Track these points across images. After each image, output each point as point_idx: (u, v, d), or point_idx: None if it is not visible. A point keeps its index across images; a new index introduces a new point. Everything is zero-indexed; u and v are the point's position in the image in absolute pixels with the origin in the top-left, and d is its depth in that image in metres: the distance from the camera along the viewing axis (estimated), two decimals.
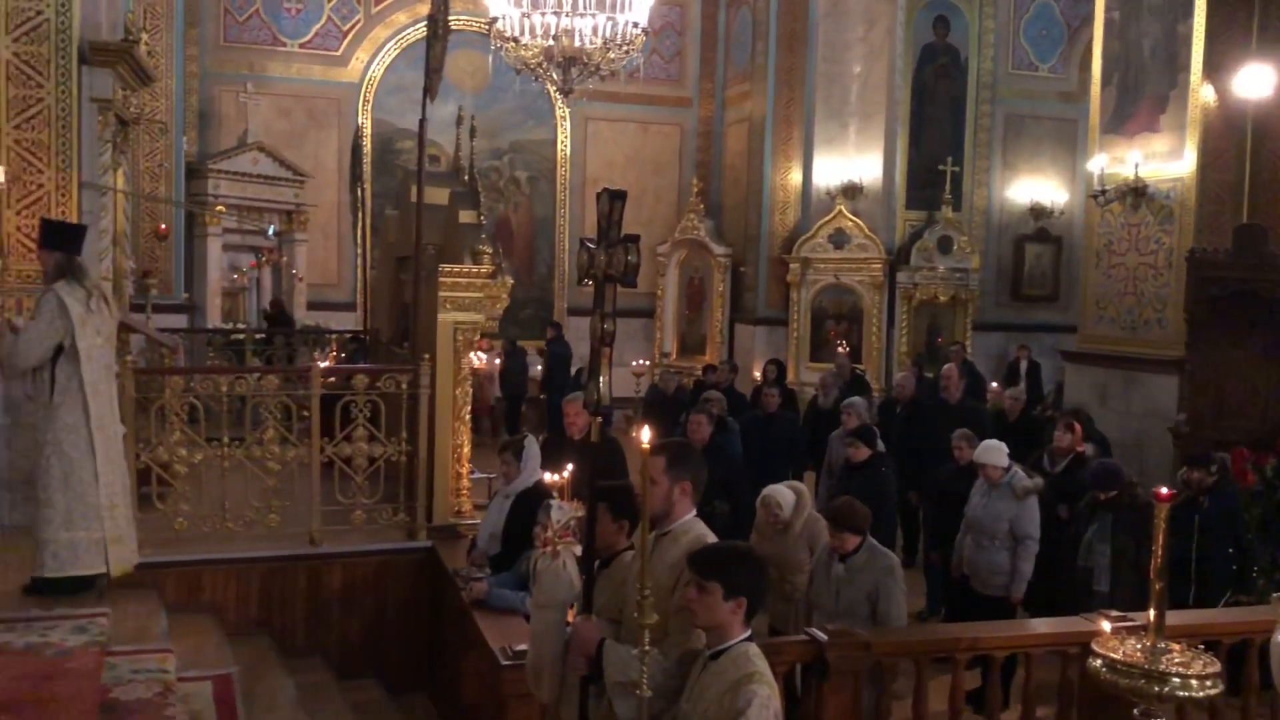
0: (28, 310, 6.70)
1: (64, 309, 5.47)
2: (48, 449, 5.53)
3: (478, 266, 7.28)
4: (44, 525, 5.51)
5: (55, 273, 5.60)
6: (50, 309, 5.48)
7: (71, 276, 5.61)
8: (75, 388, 5.52)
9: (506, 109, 16.76)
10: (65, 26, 6.87)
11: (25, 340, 5.47)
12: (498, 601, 5.71)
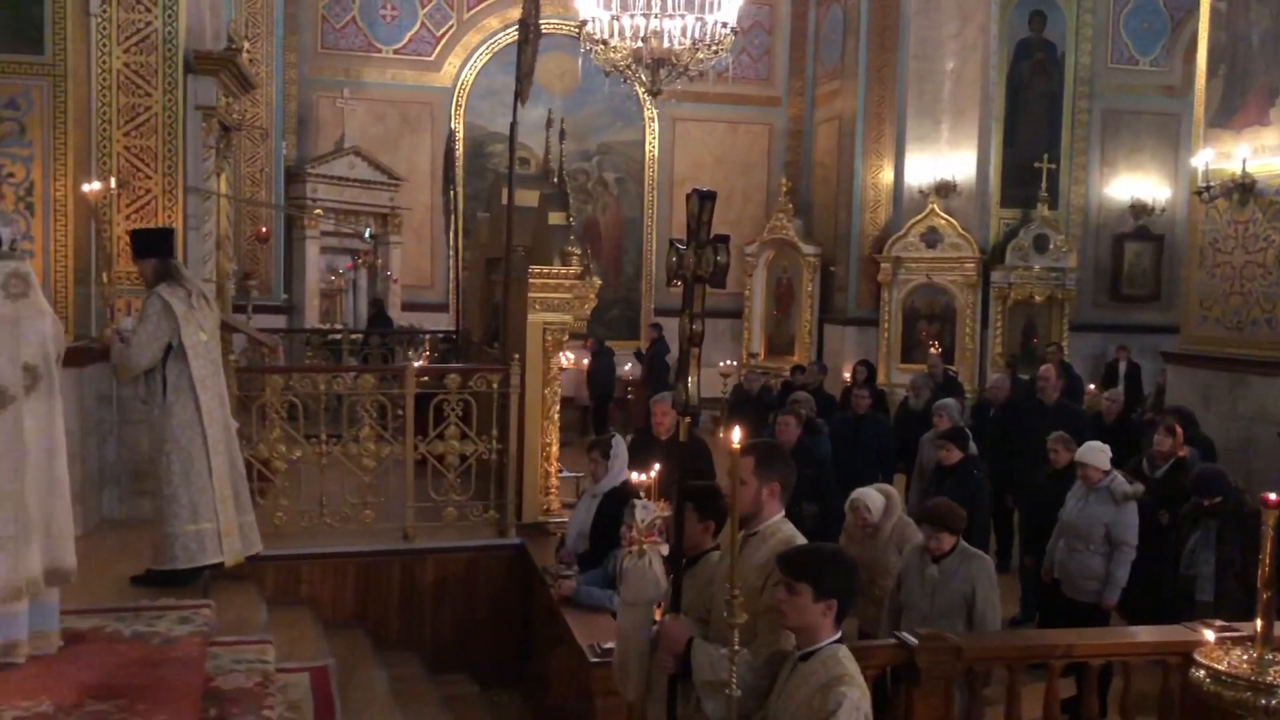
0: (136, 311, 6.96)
1: (168, 309, 5.65)
2: (166, 445, 5.70)
3: (566, 267, 7.36)
4: (170, 519, 5.67)
5: (155, 278, 5.79)
6: (155, 311, 5.65)
7: (170, 278, 5.78)
8: (186, 385, 5.69)
9: (595, 111, 16.86)
10: (172, 37, 7.11)
11: (136, 345, 5.64)
12: (586, 599, 5.77)
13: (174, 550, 5.66)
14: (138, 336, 5.67)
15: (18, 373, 4.55)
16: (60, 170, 6.87)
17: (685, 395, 3.61)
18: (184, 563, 5.68)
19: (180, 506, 5.67)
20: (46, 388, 4.67)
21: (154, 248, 5.90)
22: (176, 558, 5.67)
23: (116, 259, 6.95)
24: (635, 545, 3.79)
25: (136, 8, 7.02)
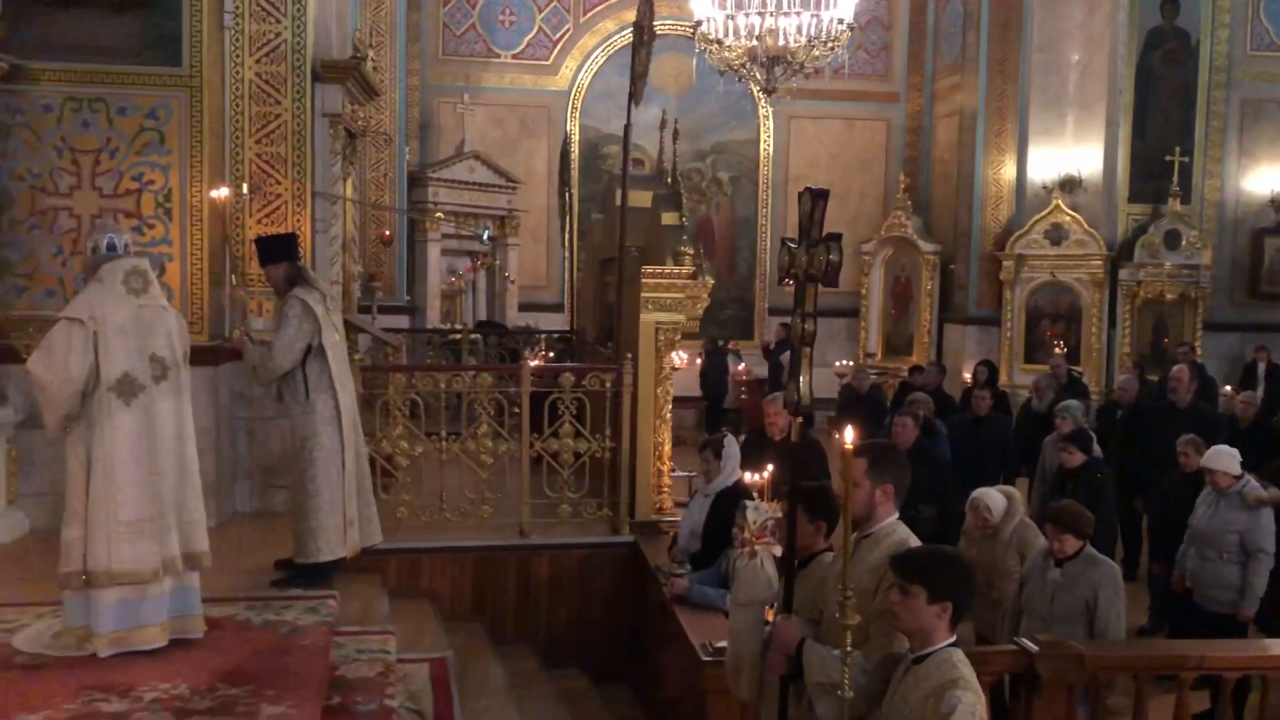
0: (267, 312, 7.24)
1: (309, 311, 5.83)
2: (309, 442, 5.87)
3: (679, 267, 7.40)
4: (314, 513, 5.85)
5: (286, 283, 5.93)
6: (296, 314, 5.80)
7: (303, 281, 5.96)
8: (326, 384, 5.89)
9: (709, 110, 16.85)
10: (300, 47, 7.37)
11: (280, 348, 5.79)
12: (698, 598, 5.78)
13: (318, 543, 5.84)
14: (281, 340, 5.81)
15: (145, 364, 4.81)
16: (196, 177, 7.19)
17: (797, 395, 3.60)
18: (326, 555, 5.87)
19: (323, 501, 5.87)
20: (174, 378, 4.92)
21: (281, 253, 6.04)
22: (320, 550, 5.86)
23: (248, 262, 7.22)
24: (747, 546, 3.79)
25: (267, 19, 7.30)
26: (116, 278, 4.84)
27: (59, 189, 7.10)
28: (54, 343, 4.69)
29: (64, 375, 4.64)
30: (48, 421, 4.78)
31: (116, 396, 4.72)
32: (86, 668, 4.65)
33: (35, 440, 6.83)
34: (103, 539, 4.67)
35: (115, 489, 4.70)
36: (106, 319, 4.73)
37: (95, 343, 4.69)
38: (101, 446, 4.70)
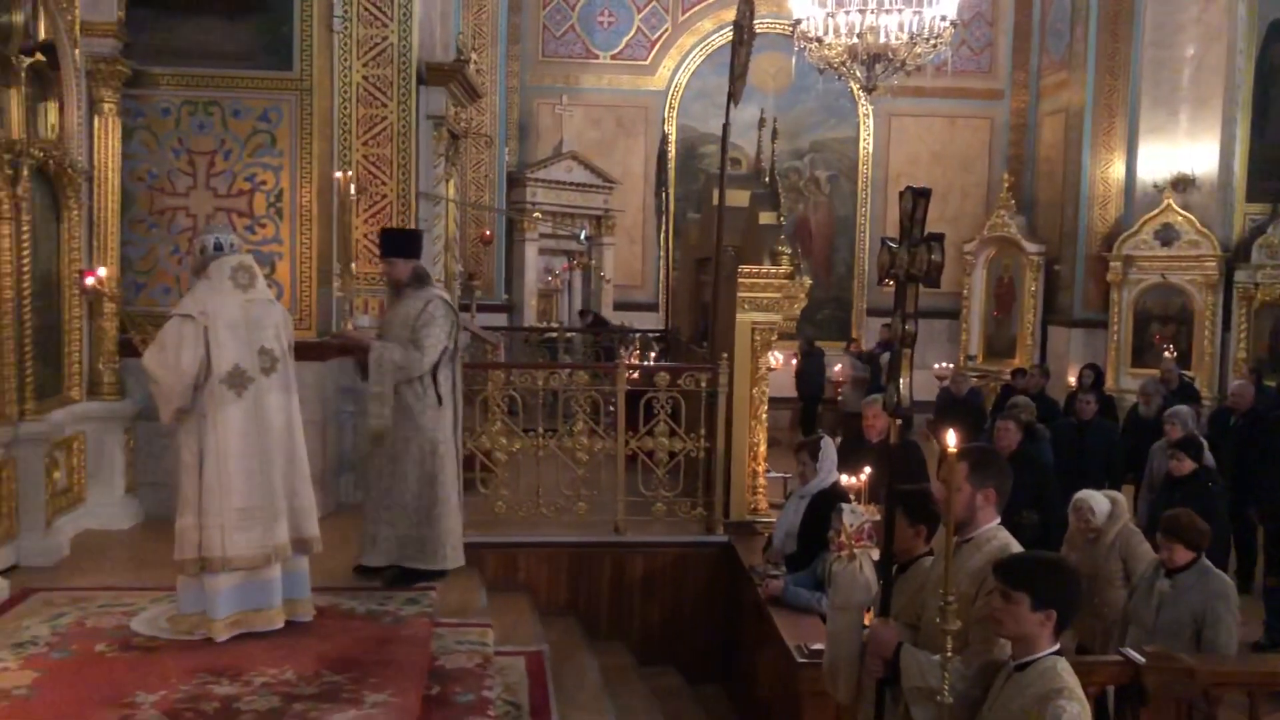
0: (373, 310, 7.43)
1: (450, 311, 5.88)
2: (440, 447, 5.84)
3: (776, 267, 7.37)
4: (444, 518, 5.86)
5: (414, 280, 5.77)
6: (442, 313, 5.73)
7: (428, 280, 5.96)
8: (451, 388, 5.92)
9: (808, 109, 16.74)
10: (406, 50, 7.53)
11: (430, 346, 5.69)
12: (793, 600, 5.76)
13: (446, 550, 5.85)
14: (431, 338, 5.69)
15: (254, 356, 4.98)
16: (306, 178, 7.40)
17: (897, 397, 3.56)
18: (454, 562, 5.89)
19: (453, 506, 5.91)
20: (282, 370, 5.10)
21: (412, 248, 5.95)
22: (448, 557, 5.87)
23: (355, 261, 7.41)
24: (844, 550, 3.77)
25: (374, 24, 7.48)
26: (224, 274, 5.02)
27: (176, 189, 7.39)
28: (166, 338, 4.88)
29: (176, 369, 4.83)
30: (162, 413, 4.99)
31: (228, 389, 4.90)
32: (199, 651, 4.83)
33: (152, 431, 7.12)
34: (216, 527, 4.85)
35: (228, 478, 4.87)
36: (217, 314, 4.91)
37: (206, 337, 4.87)
38: (214, 437, 4.87)
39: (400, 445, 5.78)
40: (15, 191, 6.07)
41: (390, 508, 5.84)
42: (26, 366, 6.21)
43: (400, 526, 5.85)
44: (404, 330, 5.68)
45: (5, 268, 6.04)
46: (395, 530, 5.85)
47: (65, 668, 4.67)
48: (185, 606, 5.04)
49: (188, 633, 4.99)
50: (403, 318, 5.71)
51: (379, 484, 5.87)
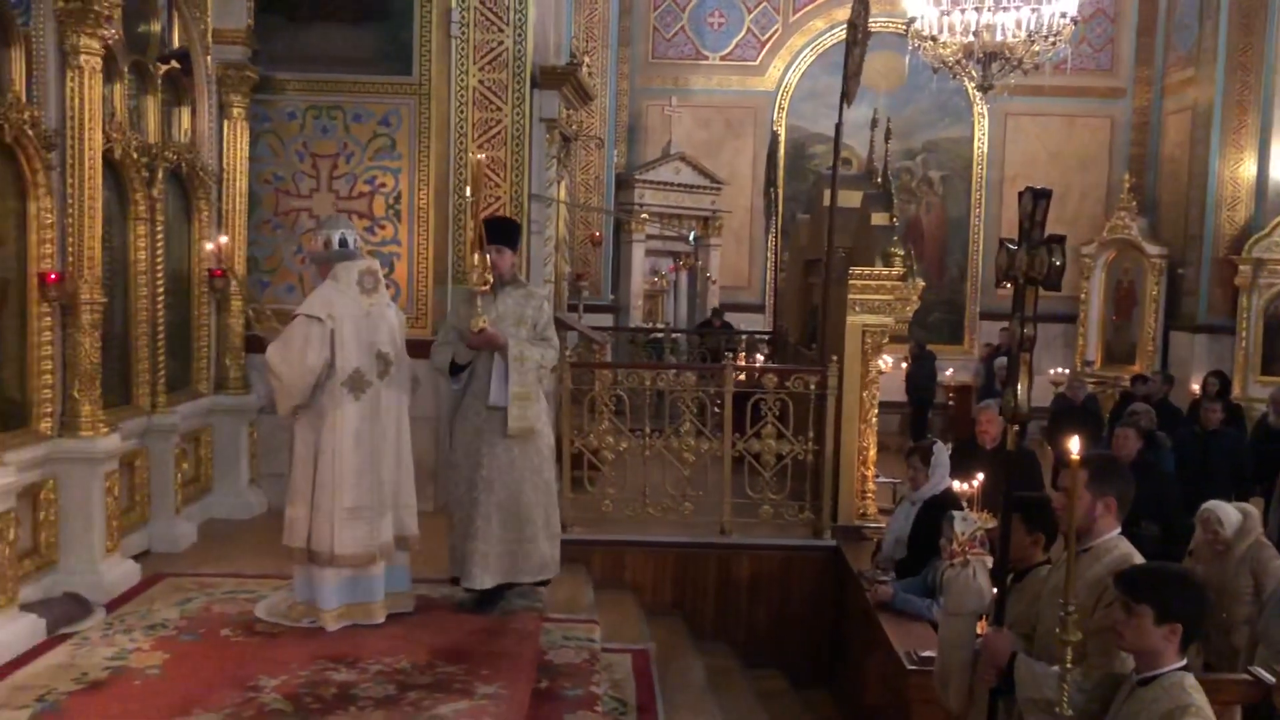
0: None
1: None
2: (548, 463, 5.61)
3: (888, 269, 7.28)
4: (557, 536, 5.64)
5: (513, 274, 5.53)
6: (550, 312, 5.64)
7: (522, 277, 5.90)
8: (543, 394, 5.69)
9: (921, 108, 16.46)
10: (521, 54, 7.65)
11: (557, 342, 5.59)
12: (903, 606, 5.69)
13: (555, 562, 5.62)
14: (554, 338, 5.56)
15: (373, 360, 5.14)
16: (423, 181, 7.58)
17: (1014, 402, 3.50)
18: (551, 572, 5.64)
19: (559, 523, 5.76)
20: (395, 372, 5.26)
21: (518, 238, 5.80)
22: (553, 567, 5.63)
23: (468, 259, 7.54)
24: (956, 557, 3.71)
25: (491, 28, 7.61)
26: (352, 278, 5.17)
27: (300, 191, 7.64)
28: (292, 336, 5.05)
29: (300, 368, 4.99)
30: (280, 407, 5.16)
31: (348, 391, 5.07)
32: (317, 638, 5.00)
33: (274, 425, 7.37)
34: (327, 522, 5.02)
35: (340, 477, 5.03)
36: (343, 318, 5.07)
37: (332, 339, 5.03)
38: (330, 435, 5.04)
39: (519, 450, 5.40)
40: (151, 193, 6.36)
41: (507, 523, 5.38)
42: (159, 361, 6.50)
43: (523, 538, 5.46)
44: (520, 327, 5.39)
45: (141, 266, 6.33)
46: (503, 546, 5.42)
47: (193, 650, 4.88)
48: (298, 594, 5.22)
49: (300, 620, 5.16)
50: (515, 314, 5.41)
51: (489, 497, 5.35)
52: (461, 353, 5.35)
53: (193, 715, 4.15)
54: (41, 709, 4.20)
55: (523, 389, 5.29)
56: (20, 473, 4.89)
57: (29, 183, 5.22)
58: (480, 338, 5.20)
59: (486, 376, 5.34)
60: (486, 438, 5.33)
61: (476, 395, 5.38)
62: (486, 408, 5.33)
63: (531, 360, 5.32)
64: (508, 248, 5.44)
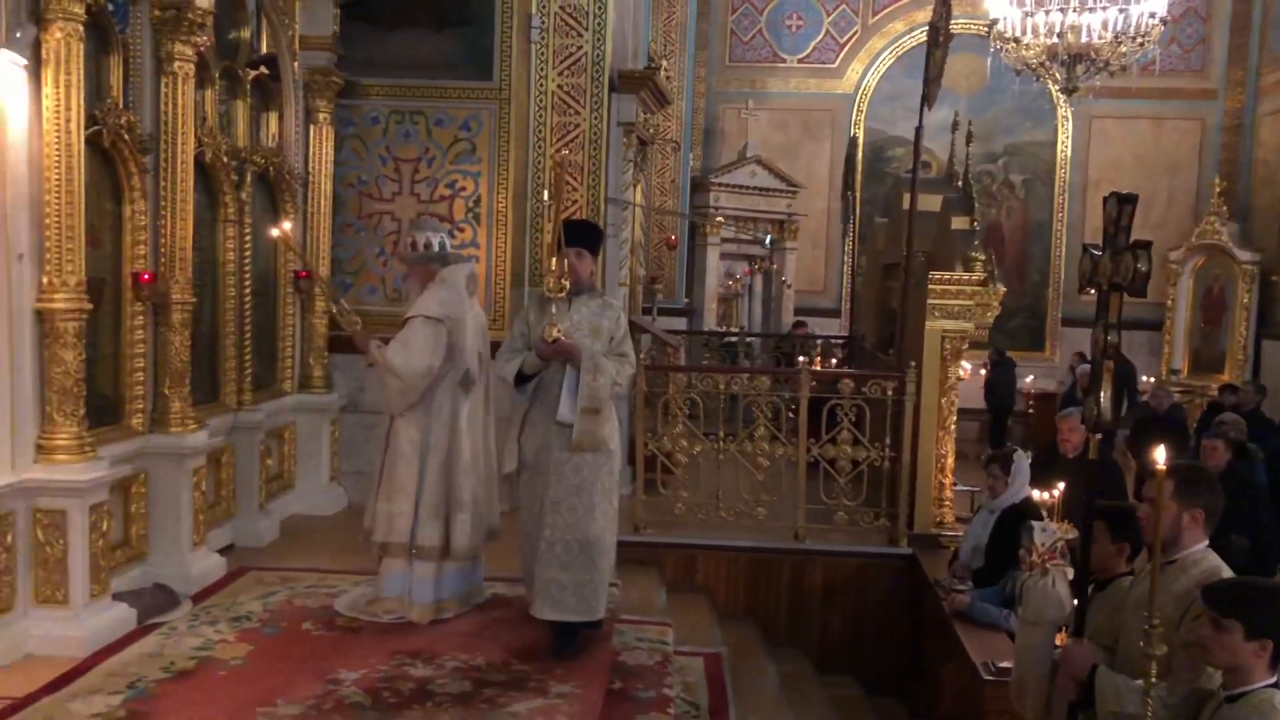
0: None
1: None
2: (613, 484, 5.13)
3: (969, 274, 7.18)
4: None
5: (591, 282, 5.12)
6: (626, 325, 5.18)
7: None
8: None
9: (1002, 111, 16.20)
10: (599, 59, 7.70)
11: (634, 358, 5.24)
12: (980, 615, 5.61)
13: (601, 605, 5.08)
14: (632, 352, 5.20)
15: (477, 361, 5.24)
16: (502, 184, 7.68)
17: (1097, 410, 3.44)
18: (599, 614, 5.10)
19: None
20: (484, 372, 5.34)
21: (599, 247, 5.38)
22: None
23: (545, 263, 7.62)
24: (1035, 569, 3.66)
25: (570, 33, 7.67)
26: (460, 281, 5.26)
27: (383, 194, 7.79)
28: (412, 337, 5.13)
29: (420, 368, 5.08)
30: (394, 406, 5.20)
31: (460, 390, 5.19)
32: (395, 634, 5.09)
33: (354, 423, 7.54)
34: (435, 518, 5.13)
35: (446, 473, 5.16)
36: (459, 320, 5.17)
37: (450, 340, 5.13)
38: (437, 434, 5.16)
39: (589, 472, 4.94)
40: (240, 196, 6.54)
41: (572, 550, 4.92)
42: (245, 360, 6.68)
43: (592, 569, 4.97)
44: (595, 339, 4.96)
45: (229, 267, 6.51)
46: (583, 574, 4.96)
47: (275, 642, 5.00)
48: (387, 589, 5.30)
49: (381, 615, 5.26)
50: (590, 325, 4.99)
51: (555, 519, 4.92)
52: (531, 362, 4.93)
53: (276, 706, 4.26)
54: (133, 695, 4.34)
55: (593, 404, 4.85)
56: (113, 467, 5.07)
57: (125, 186, 5.41)
58: (553, 348, 4.82)
59: (557, 389, 4.90)
60: (554, 455, 4.89)
61: (545, 409, 4.95)
62: (555, 423, 4.89)
63: (606, 375, 4.89)
64: (588, 252, 5.04)
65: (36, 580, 4.77)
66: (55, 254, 4.74)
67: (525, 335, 5.03)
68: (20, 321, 4.69)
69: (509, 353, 5.04)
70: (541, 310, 4.98)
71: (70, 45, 4.72)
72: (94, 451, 4.92)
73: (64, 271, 4.76)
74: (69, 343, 4.78)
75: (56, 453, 4.77)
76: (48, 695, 4.32)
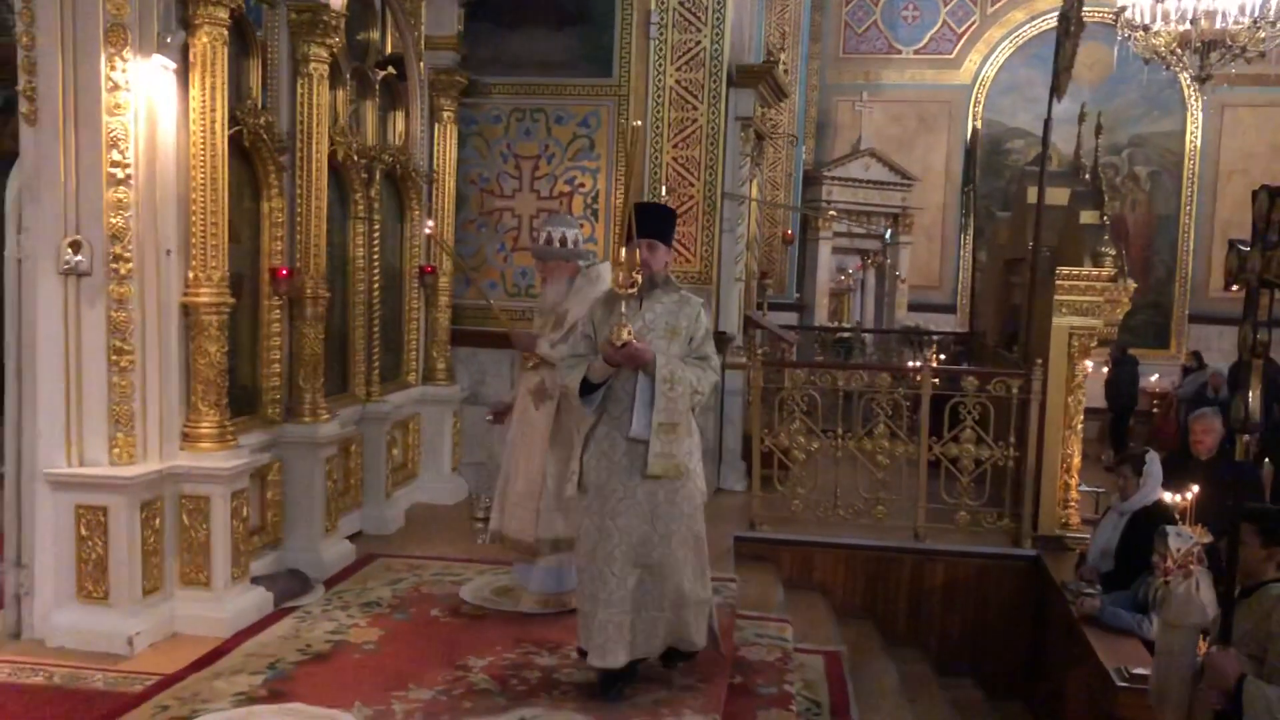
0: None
1: None
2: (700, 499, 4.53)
3: (1098, 269, 7.00)
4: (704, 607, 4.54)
5: (666, 275, 4.48)
6: (708, 323, 4.56)
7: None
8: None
9: (1128, 101, 15.70)
10: (718, 54, 7.69)
11: (717, 363, 4.53)
12: (1111, 620, 5.46)
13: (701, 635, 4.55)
14: (715, 353, 4.52)
15: None
16: (619, 180, 7.73)
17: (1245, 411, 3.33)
18: (697, 645, 4.54)
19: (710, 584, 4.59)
20: None
21: (673, 235, 4.69)
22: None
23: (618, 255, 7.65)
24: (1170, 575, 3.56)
25: (689, 29, 7.68)
26: (605, 280, 5.29)
27: (503, 191, 7.92)
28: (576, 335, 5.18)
29: None
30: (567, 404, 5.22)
31: None
32: (520, 623, 5.19)
33: (475, 415, 7.67)
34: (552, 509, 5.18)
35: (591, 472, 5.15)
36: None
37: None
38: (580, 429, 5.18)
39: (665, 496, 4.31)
40: (369, 193, 6.72)
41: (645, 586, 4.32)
42: (374, 352, 6.87)
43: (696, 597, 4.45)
44: (671, 341, 4.33)
45: (359, 263, 6.70)
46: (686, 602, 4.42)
47: (405, 628, 5.13)
48: (545, 586, 5.36)
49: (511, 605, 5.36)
50: (666, 324, 4.34)
51: (624, 552, 4.28)
52: (597, 369, 4.27)
53: (408, 690, 4.38)
54: (273, 676, 4.50)
55: (670, 419, 4.22)
56: (252, 455, 5.26)
57: (263, 183, 5.61)
58: (622, 352, 4.14)
59: (627, 400, 4.25)
60: (623, 478, 4.26)
61: (613, 424, 4.30)
62: (626, 439, 4.25)
63: (684, 384, 4.25)
64: (661, 242, 4.40)
65: (182, 563, 4.99)
66: (201, 250, 4.94)
67: (591, 338, 4.40)
68: (168, 315, 4.90)
69: (573, 358, 4.42)
70: (609, 309, 4.33)
71: (215, 49, 4.91)
72: (235, 440, 5.12)
73: (208, 267, 4.96)
74: (213, 335, 4.99)
75: (201, 441, 4.98)
76: (194, 673, 4.51)
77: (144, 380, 4.79)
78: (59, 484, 4.72)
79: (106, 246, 4.66)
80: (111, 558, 4.70)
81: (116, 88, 4.62)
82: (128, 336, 4.72)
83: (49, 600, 4.80)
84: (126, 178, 4.66)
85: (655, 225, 4.40)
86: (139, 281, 4.73)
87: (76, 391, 4.74)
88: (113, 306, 4.69)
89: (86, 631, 4.69)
